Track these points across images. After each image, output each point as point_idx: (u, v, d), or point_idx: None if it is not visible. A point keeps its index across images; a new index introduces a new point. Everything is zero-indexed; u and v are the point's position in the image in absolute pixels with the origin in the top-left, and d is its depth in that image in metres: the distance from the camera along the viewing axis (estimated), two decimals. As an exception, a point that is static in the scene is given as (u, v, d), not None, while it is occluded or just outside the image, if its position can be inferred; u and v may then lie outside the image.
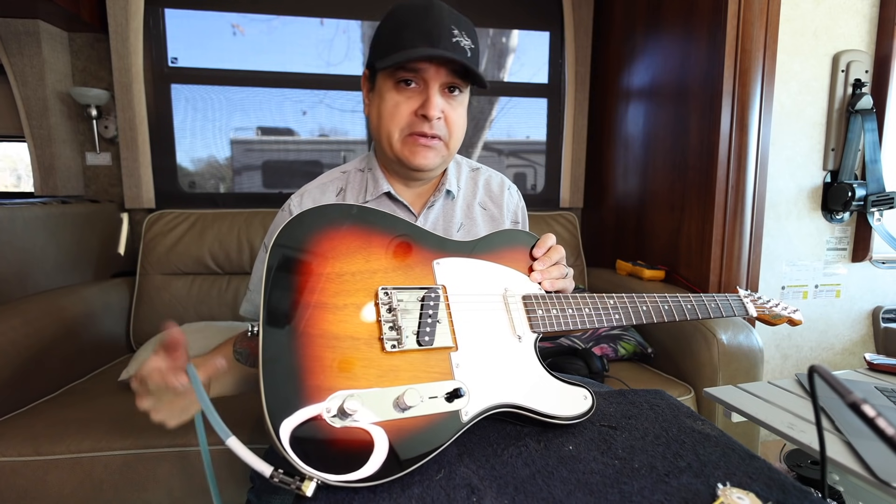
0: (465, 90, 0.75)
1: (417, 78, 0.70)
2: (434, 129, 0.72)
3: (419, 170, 0.75)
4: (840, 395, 0.35)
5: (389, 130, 0.73)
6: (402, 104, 0.72)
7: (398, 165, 0.77)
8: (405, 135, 0.73)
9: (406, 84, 0.71)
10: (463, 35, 0.70)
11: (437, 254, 0.61)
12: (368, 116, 0.80)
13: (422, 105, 0.71)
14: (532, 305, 0.63)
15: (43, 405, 1.23)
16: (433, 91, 0.70)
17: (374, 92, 0.76)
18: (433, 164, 0.75)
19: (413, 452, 0.47)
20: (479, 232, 0.85)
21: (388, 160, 0.79)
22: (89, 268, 1.69)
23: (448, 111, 0.73)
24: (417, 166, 0.74)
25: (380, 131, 0.75)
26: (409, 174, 0.78)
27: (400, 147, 0.74)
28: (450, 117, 0.73)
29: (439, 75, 0.70)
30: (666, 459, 0.51)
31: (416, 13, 0.69)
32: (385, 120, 0.73)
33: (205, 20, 1.88)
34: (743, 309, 0.76)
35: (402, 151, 0.74)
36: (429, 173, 0.78)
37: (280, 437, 0.43)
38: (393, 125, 0.73)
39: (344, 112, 2.03)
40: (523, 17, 2.11)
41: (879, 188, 1.52)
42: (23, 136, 1.78)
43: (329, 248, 0.55)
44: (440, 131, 0.73)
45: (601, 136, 2.10)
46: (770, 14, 1.38)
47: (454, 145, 0.76)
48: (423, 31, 0.68)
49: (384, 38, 0.72)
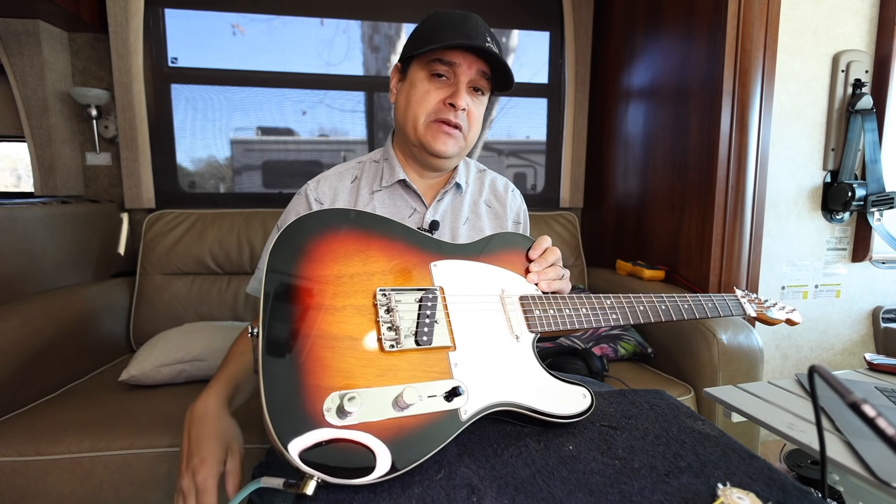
0: (487, 93, 0.82)
1: (450, 72, 0.77)
2: (458, 119, 0.78)
3: (438, 155, 0.79)
4: (840, 395, 0.35)
5: (416, 114, 0.79)
6: (433, 92, 0.78)
7: (419, 150, 0.81)
8: (430, 120, 0.78)
9: (438, 77, 0.77)
10: (494, 44, 0.77)
11: (434, 256, 0.62)
12: (395, 104, 0.85)
13: (451, 95, 0.77)
14: (529, 306, 0.64)
15: (43, 405, 1.23)
16: (462, 85, 0.77)
17: (405, 81, 0.82)
18: (451, 152, 0.80)
19: (413, 451, 0.47)
20: (484, 227, 0.89)
21: (408, 145, 0.83)
22: (89, 268, 1.69)
23: (471, 107, 0.79)
24: (437, 152, 0.79)
25: (406, 115, 0.80)
26: (427, 160, 0.82)
27: (423, 131, 0.79)
28: (472, 112, 0.80)
29: (470, 72, 0.77)
30: (666, 459, 0.51)
31: (456, 19, 0.77)
32: (413, 104, 0.79)
33: (205, 20, 1.88)
34: (740, 309, 0.76)
35: (426, 135, 0.79)
36: (445, 161, 0.82)
37: (280, 438, 0.43)
38: (420, 110, 0.78)
39: (344, 112, 2.03)
40: (523, 17, 2.11)
41: (879, 188, 1.52)
42: (23, 136, 1.78)
43: (327, 252, 0.55)
44: (462, 122, 0.78)
45: (601, 136, 2.10)
46: (770, 14, 1.38)
47: (471, 140, 0.82)
48: (461, 33, 0.75)
49: (423, 34, 0.78)
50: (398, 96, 0.83)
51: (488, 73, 0.78)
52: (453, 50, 0.75)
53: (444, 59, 0.76)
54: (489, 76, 0.78)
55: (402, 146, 0.86)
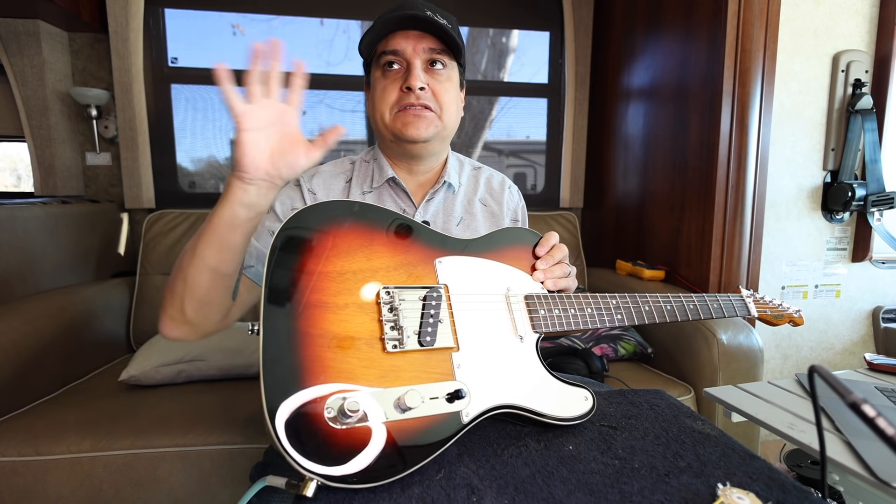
0: (448, 64, 0.78)
1: (399, 59, 0.75)
2: (421, 100, 0.75)
3: (413, 140, 0.77)
4: (840, 395, 0.35)
5: (382, 111, 0.77)
6: (389, 85, 0.76)
7: (395, 143, 0.80)
8: (395, 111, 0.76)
9: (389, 66, 0.75)
10: (437, 16, 0.73)
11: (439, 252, 0.61)
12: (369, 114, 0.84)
13: (405, 80, 0.74)
14: (534, 305, 0.63)
15: (43, 405, 1.23)
16: (414, 65, 0.74)
17: (370, 87, 0.81)
18: (427, 135, 0.77)
19: (413, 453, 0.47)
20: (479, 227, 0.86)
21: (387, 143, 0.82)
22: (89, 268, 1.69)
23: (432, 84, 0.76)
24: (411, 137, 0.76)
25: (375, 116, 0.79)
26: (407, 150, 0.80)
27: (392, 121, 0.77)
28: (435, 89, 0.76)
29: (417, 52, 0.74)
30: (666, 459, 0.51)
31: (395, 7, 0.74)
32: (378, 103, 0.77)
33: (205, 20, 1.88)
34: (745, 309, 0.76)
35: (395, 125, 0.76)
36: (425, 146, 0.79)
37: (281, 438, 0.43)
38: (384, 105, 0.77)
39: (344, 112, 2.03)
40: (523, 17, 2.11)
41: (879, 188, 1.52)
42: (23, 136, 1.78)
43: (330, 246, 0.54)
44: (428, 101, 0.75)
45: (601, 136, 2.10)
46: (770, 14, 1.38)
47: (448, 119, 0.78)
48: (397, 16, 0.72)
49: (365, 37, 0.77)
50: (368, 103, 0.83)
51: (438, 46, 0.75)
52: (393, 36, 0.74)
53: (388, 49, 0.74)
54: (443, 49, 0.75)
55: (384, 147, 0.85)
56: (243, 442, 1.10)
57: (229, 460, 1.09)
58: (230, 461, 1.09)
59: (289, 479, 0.45)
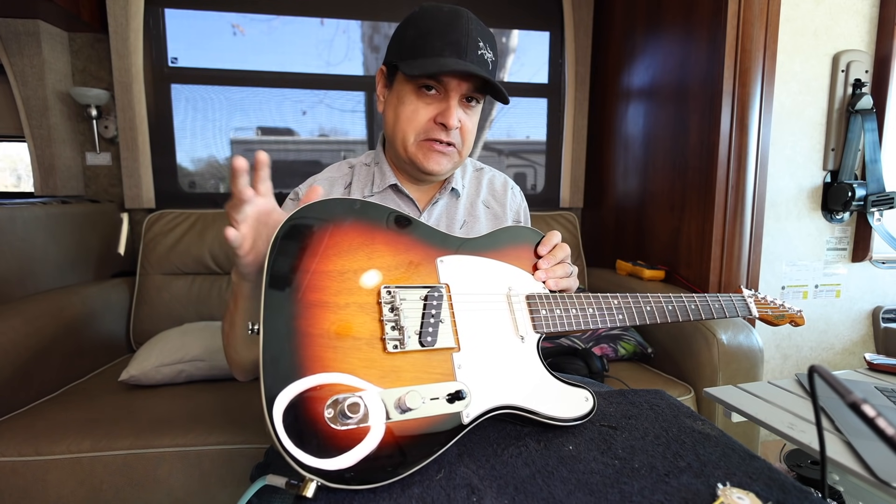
0: (481, 102, 0.77)
1: (439, 87, 0.71)
2: (450, 137, 0.73)
3: (430, 174, 0.76)
4: (840, 395, 0.35)
5: (405, 133, 0.74)
6: (422, 110, 0.72)
7: (410, 167, 0.78)
8: (421, 139, 0.74)
9: (427, 90, 0.72)
10: (486, 48, 0.71)
11: (440, 251, 0.61)
12: (383, 114, 0.80)
13: (441, 113, 0.72)
14: (536, 305, 0.63)
15: (43, 405, 1.23)
16: (454, 101, 0.71)
17: (392, 92, 0.76)
18: (445, 171, 0.77)
19: (413, 454, 0.47)
20: (482, 229, 0.86)
21: (399, 160, 0.80)
22: (89, 268, 1.69)
23: (464, 121, 0.74)
24: (430, 171, 0.75)
25: (395, 133, 0.76)
26: (419, 176, 0.80)
27: (414, 150, 0.75)
28: (465, 126, 0.74)
29: (461, 88, 0.71)
30: (666, 459, 0.51)
31: (444, 21, 0.70)
32: (402, 122, 0.74)
33: (205, 20, 1.88)
34: (746, 309, 0.76)
35: (416, 155, 0.75)
36: (439, 177, 0.80)
37: (281, 438, 0.43)
38: (410, 129, 0.74)
39: (344, 112, 2.03)
40: (523, 17, 2.11)
41: (879, 188, 1.52)
42: (23, 136, 1.78)
43: (331, 245, 0.53)
44: (455, 139, 0.74)
45: (601, 136, 2.10)
46: (770, 14, 1.38)
47: (465, 152, 0.78)
48: (451, 42, 0.69)
49: (409, 41, 0.72)
50: (386, 107, 0.78)
51: (480, 85, 0.72)
52: None
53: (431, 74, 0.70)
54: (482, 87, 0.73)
55: (393, 157, 0.82)
56: (243, 442, 1.10)
57: (229, 460, 1.09)
58: (230, 461, 1.09)
59: (289, 479, 0.45)
